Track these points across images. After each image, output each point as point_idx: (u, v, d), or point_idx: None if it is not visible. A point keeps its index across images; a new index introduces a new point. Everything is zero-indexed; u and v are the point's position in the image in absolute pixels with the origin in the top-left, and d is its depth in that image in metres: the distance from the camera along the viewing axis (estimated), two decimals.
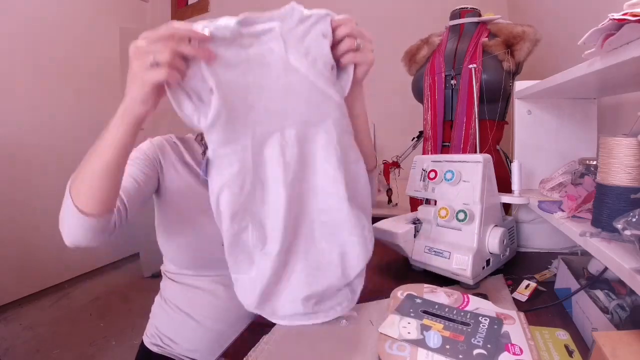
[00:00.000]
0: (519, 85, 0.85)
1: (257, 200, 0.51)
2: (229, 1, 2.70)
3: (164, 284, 0.74)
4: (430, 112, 1.10)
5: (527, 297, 0.62)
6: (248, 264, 0.54)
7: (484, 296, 0.61)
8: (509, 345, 0.43)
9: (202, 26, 0.43)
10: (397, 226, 0.74)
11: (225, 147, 0.48)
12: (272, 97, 0.48)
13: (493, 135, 1.01)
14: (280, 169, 0.50)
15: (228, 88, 0.45)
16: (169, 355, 0.69)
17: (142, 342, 0.73)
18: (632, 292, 0.49)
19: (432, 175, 0.72)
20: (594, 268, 0.58)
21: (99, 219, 0.49)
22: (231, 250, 0.52)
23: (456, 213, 0.67)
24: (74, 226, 0.49)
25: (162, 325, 0.71)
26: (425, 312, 0.51)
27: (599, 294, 0.52)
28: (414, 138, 1.40)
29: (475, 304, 0.53)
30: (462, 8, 1.09)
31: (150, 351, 0.70)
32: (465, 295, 0.56)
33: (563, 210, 0.59)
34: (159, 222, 0.69)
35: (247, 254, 0.53)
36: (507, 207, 0.91)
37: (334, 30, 0.49)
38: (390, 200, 1.61)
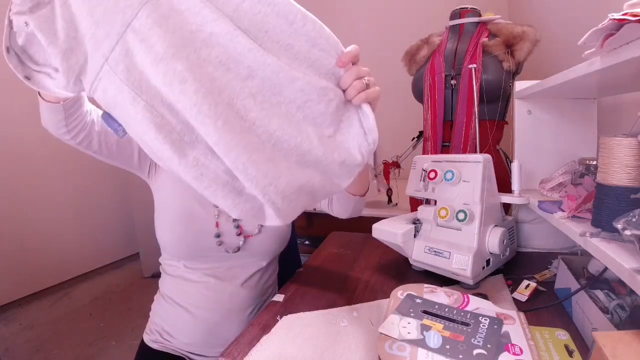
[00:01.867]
0: (519, 85, 0.85)
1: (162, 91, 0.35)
2: None
3: (162, 279, 0.76)
4: (430, 112, 1.10)
5: (527, 297, 0.62)
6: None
7: (484, 296, 0.61)
8: (509, 345, 0.43)
9: None
10: (397, 226, 0.74)
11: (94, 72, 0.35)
12: None
13: (493, 135, 1.01)
14: (161, 43, 0.33)
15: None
16: (168, 351, 0.70)
17: (142, 340, 0.74)
18: (632, 292, 0.49)
19: (432, 175, 0.72)
20: (594, 268, 0.58)
21: (51, 105, 0.50)
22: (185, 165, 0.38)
23: (456, 213, 0.67)
24: (41, 108, 0.52)
25: (160, 320, 0.73)
26: (425, 312, 0.51)
27: (599, 294, 0.52)
28: (414, 138, 1.40)
29: (475, 304, 0.53)
30: (462, 8, 1.09)
31: (150, 348, 0.71)
32: (465, 295, 0.56)
33: (563, 210, 0.59)
34: (158, 211, 0.71)
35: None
36: (507, 207, 0.91)
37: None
38: (390, 200, 1.61)
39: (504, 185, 0.75)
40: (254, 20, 0.37)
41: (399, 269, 0.79)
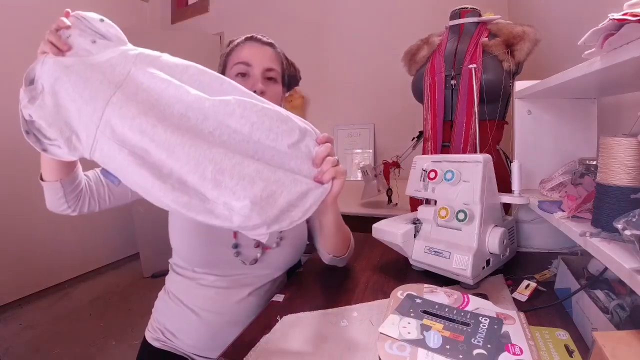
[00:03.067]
0: (519, 85, 0.85)
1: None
2: (228, 1, 2.70)
3: (170, 277, 0.75)
4: (430, 112, 1.10)
5: (527, 297, 0.62)
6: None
7: (484, 296, 0.61)
8: (509, 345, 0.43)
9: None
10: (397, 226, 0.74)
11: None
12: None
13: (493, 135, 1.01)
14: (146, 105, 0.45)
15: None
16: (170, 350, 0.70)
17: (145, 338, 0.74)
18: (632, 292, 0.49)
19: (432, 175, 0.72)
20: (594, 268, 0.58)
21: (50, 184, 0.61)
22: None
23: (456, 213, 0.67)
24: (44, 191, 0.63)
25: (164, 318, 0.73)
26: (425, 312, 0.51)
27: (599, 294, 0.52)
28: (414, 138, 1.40)
29: (475, 304, 0.53)
30: (462, 8, 1.09)
31: (153, 346, 0.71)
32: (465, 295, 0.56)
33: (563, 210, 0.59)
34: (172, 217, 0.72)
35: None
36: (507, 207, 0.91)
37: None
38: (390, 200, 1.61)
39: (504, 185, 0.75)
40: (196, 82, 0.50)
41: (399, 269, 0.79)
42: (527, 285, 0.65)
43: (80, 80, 0.46)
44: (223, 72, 0.75)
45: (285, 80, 0.78)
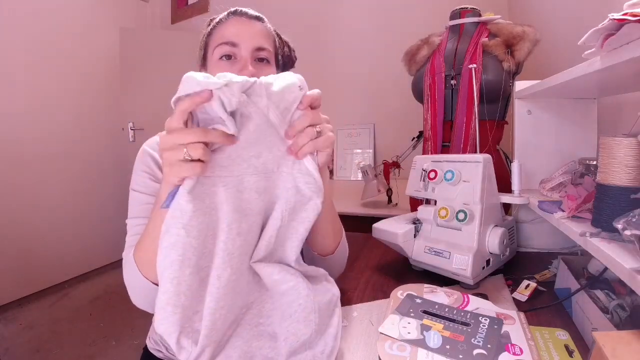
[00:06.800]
0: (519, 85, 0.85)
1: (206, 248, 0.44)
2: (228, 1, 2.70)
3: None
4: (430, 112, 1.10)
5: (527, 297, 0.62)
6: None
7: (484, 296, 0.61)
8: (509, 345, 0.43)
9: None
10: (397, 226, 0.74)
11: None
12: (242, 146, 0.44)
13: (493, 135, 1.01)
14: (233, 214, 0.45)
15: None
16: None
17: (146, 346, 0.72)
18: (632, 292, 0.49)
19: (432, 175, 0.72)
20: (594, 268, 0.58)
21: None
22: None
23: (456, 213, 0.67)
24: (148, 295, 0.49)
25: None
26: (425, 312, 0.51)
27: (599, 294, 0.52)
28: (414, 138, 1.40)
29: (475, 304, 0.53)
30: (462, 8, 1.09)
31: (154, 356, 0.70)
32: (465, 295, 0.56)
33: (563, 210, 0.59)
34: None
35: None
36: (507, 207, 0.91)
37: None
38: (390, 200, 1.62)
39: (504, 185, 0.75)
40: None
41: (399, 269, 0.79)
42: (527, 285, 0.65)
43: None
44: (204, 57, 0.67)
45: (279, 62, 0.68)
